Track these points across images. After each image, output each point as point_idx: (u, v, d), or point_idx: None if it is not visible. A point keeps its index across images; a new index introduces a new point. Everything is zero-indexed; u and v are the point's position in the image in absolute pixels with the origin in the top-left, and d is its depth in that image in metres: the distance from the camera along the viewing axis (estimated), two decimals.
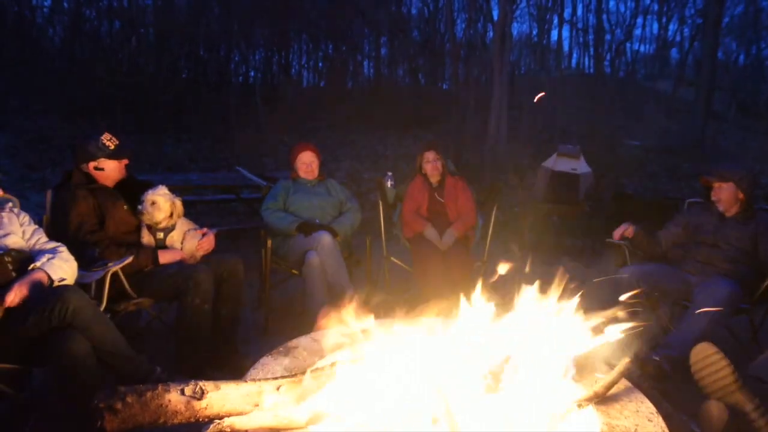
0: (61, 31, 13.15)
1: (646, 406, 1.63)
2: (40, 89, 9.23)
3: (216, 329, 2.86)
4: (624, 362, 1.69)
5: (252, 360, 1.89)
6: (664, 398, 2.08)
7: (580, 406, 1.58)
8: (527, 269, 2.09)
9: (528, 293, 1.86)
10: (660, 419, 1.56)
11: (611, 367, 1.73)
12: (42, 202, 2.83)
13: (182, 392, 1.41)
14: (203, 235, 2.99)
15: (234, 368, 2.76)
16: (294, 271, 3.55)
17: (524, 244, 5.85)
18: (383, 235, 3.98)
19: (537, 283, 1.89)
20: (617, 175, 7.89)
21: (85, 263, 2.47)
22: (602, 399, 1.64)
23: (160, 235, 2.89)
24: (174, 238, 2.92)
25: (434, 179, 3.99)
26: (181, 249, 2.92)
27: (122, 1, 13.79)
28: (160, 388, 1.41)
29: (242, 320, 3.20)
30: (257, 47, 15.43)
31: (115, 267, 2.50)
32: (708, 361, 2.02)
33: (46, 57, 10.67)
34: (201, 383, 1.45)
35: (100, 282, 2.47)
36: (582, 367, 1.81)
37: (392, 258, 3.90)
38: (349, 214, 3.79)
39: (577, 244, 6.07)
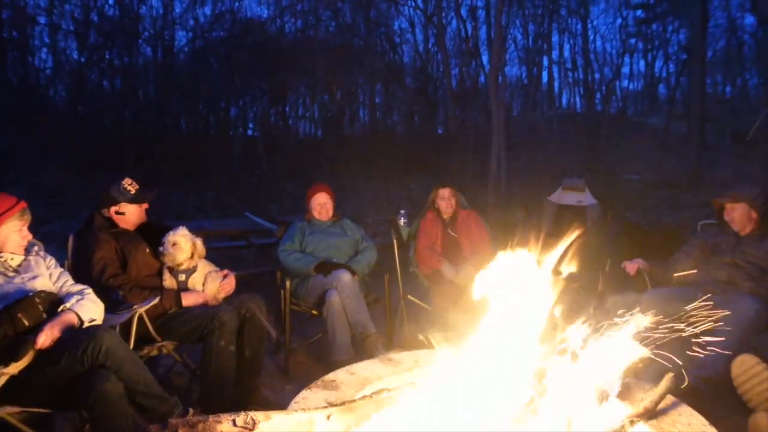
0: (63, 90, 13.47)
1: (697, 419, 1.61)
2: (48, 145, 9.42)
3: (240, 371, 2.82)
4: (668, 377, 1.67)
5: (277, 404, 1.84)
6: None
7: (632, 422, 1.55)
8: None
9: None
10: (714, 430, 1.54)
11: (653, 384, 1.71)
12: (54, 253, 2.77)
13: (234, 423, 1.39)
14: (224, 276, 2.99)
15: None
16: (314, 312, 3.52)
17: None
18: (399, 274, 3.97)
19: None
20: (623, 208, 7.93)
21: (109, 307, 2.46)
22: (652, 414, 1.61)
23: (182, 277, 2.89)
24: (196, 279, 2.92)
25: (446, 215, 4.03)
26: (203, 291, 2.91)
27: (123, 59, 14.12)
28: (211, 419, 1.39)
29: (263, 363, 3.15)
30: (255, 101, 15.76)
31: (141, 309, 2.49)
32: (751, 372, 2.00)
33: (52, 114, 10.91)
34: (251, 413, 1.43)
35: (126, 325, 2.45)
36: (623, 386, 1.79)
37: (409, 296, 3.88)
38: (366, 252, 3.80)
39: (585, 276, 6.03)
